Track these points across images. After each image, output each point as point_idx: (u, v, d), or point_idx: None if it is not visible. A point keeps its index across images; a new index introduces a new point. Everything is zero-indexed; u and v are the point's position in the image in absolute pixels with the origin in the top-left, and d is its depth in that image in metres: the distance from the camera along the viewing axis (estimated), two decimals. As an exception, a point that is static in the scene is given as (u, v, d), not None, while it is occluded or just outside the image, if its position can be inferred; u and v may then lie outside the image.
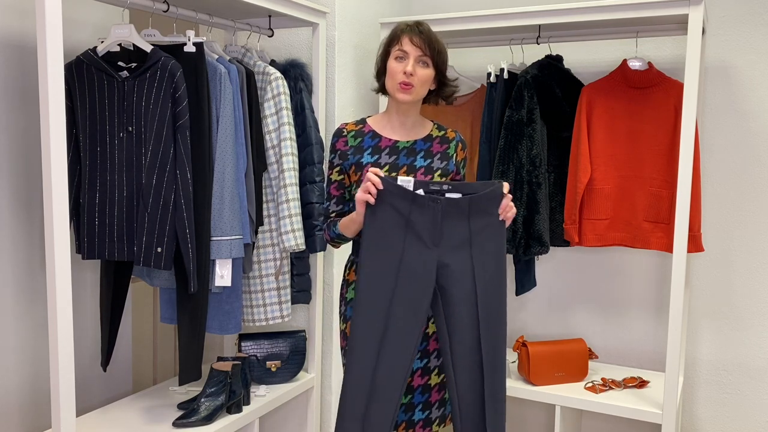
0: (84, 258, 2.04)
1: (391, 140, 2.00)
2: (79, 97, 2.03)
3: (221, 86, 2.13)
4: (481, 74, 2.90)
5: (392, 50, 1.94)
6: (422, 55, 1.91)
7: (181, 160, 1.99)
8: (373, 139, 2.00)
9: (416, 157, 2.00)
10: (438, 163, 2.01)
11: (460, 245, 1.88)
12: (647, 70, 2.58)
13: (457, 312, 1.88)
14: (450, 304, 1.88)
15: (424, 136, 2.03)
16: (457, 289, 1.88)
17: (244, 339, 2.53)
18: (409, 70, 1.90)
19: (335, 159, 2.02)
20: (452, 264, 1.87)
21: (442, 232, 1.87)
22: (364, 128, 2.03)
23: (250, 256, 2.32)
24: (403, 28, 1.94)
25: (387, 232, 1.87)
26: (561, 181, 2.74)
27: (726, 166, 2.76)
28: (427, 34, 1.93)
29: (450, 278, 1.88)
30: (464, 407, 1.90)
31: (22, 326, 2.15)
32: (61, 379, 1.69)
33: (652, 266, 2.91)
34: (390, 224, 1.86)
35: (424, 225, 1.86)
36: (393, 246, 1.87)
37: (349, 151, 2.00)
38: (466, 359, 1.89)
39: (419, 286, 1.87)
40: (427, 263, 1.87)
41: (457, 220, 1.87)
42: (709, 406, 2.86)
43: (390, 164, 1.98)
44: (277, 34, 2.77)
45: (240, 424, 2.26)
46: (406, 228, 1.86)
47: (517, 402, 3.18)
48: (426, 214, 1.86)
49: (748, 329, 2.76)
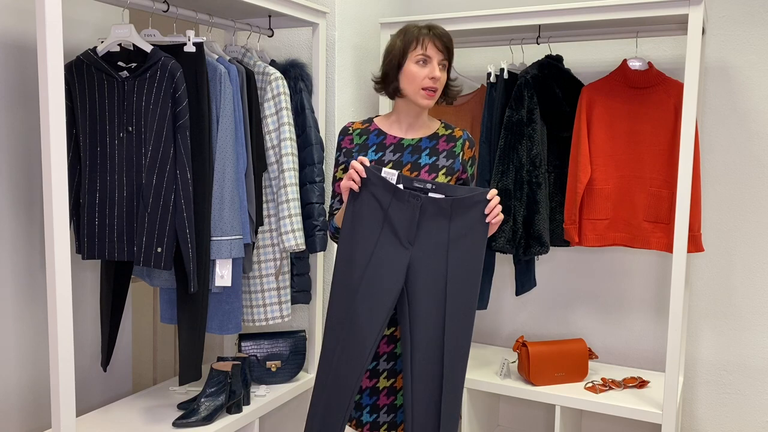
0: (84, 258, 2.04)
1: (396, 138, 2.00)
2: (79, 97, 2.03)
3: (221, 86, 2.13)
4: (481, 74, 2.91)
5: (411, 53, 1.90)
6: (443, 58, 1.92)
7: (181, 160, 1.99)
8: (378, 137, 2.00)
9: (421, 155, 1.99)
10: (443, 161, 1.99)
11: (435, 248, 1.84)
12: (647, 70, 2.58)
13: (423, 319, 1.83)
14: (416, 309, 1.84)
15: (430, 134, 2.02)
16: (426, 295, 1.84)
17: (244, 339, 2.53)
18: (437, 75, 1.89)
19: (340, 157, 2.02)
20: (424, 267, 1.84)
21: (419, 231, 1.84)
22: (370, 127, 2.02)
23: (250, 256, 2.32)
24: (425, 32, 1.91)
25: (364, 222, 1.84)
26: (561, 181, 2.74)
27: (726, 166, 2.76)
28: (447, 37, 1.93)
29: (419, 282, 1.84)
30: (417, 418, 1.85)
31: (22, 326, 2.15)
32: (61, 379, 1.69)
33: (652, 266, 2.91)
34: (368, 214, 1.84)
35: (402, 221, 1.83)
36: (367, 238, 1.84)
37: (354, 149, 2.00)
38: (425, 371, 1.84)
39: (385, 285, 1.83)
40: (397, 262, 1.83)
41: (436, 220, 1.84)
42: (709, 406, 2.86)
43: (394, 162, 1.97)
44: (277, 34, 2.77)
45: (240, 424, 2.26)
46: (384, 221, 1.84)
47: (517, 402, 3.19)
48: (405, 210, 1.83)
49: (748, 329, 2.76)
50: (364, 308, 1.84)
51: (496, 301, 3.21)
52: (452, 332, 1.84)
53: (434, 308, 1.84)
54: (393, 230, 1.84)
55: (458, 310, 1.84)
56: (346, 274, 1.85)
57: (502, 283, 3.19)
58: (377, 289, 1.84)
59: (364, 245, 1.84)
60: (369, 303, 1.84)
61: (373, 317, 1.84)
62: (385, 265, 1.84)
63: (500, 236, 2.62)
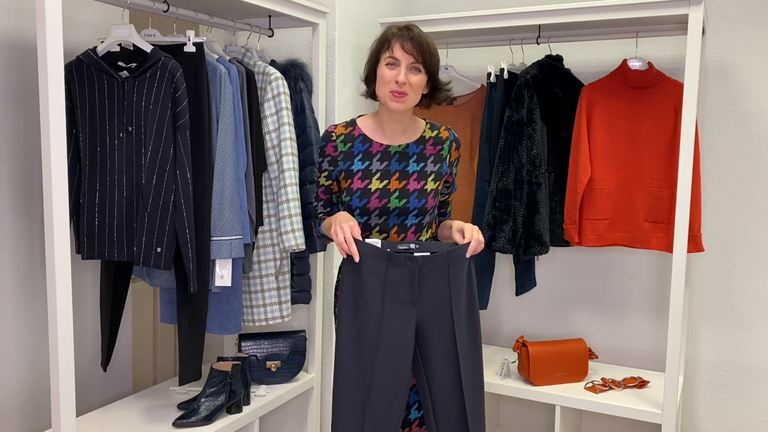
0: (84, 258, 2.04)
1: (382, 145, 1.96)
2: (79, 97, 2.03)
3: (221, 86, 2.13)
4: (481, 74, 2.90)
5: (382, 56, 1.87)
6: (414, 61, 1.85)
7: (181, 160, 1.99)
8: (363, 144, 1.96)
9: (408, 162, 1.96)
10: (431, 167, 1.98)
11: (440, 304, 1.87)
12: (647, 70, 2.58)
13: (438, 372, 1.87)
14: (430, 364, 1.87)
15: (416, 139, 1.99)
16: (437, 351, 1.86)
17: (244, 339, 2.53)
18: (401, 79, 1.83)
19: (323, 164, 1.99)
20: (431, 324, 1.86)
21: (421, 290, 1.86)
22: (354, 131, 1.98)
23: (250, 256, 2.32)
24: (394, 33, 1.87)
25: (365, 292, 1.84)
26: (561, 181, 2.74)
27: (726, 166, 2.76)
28: (418, 39, 1.85)
29: (429, 339, 1.86)
30: None
31: (22, 326, 2.15)
32: (61, 379, 1.69)
33: (652, 266, 2.91)
34: (367, 284, 1.84)
35: (402, 284, 1.84)
36: (372, 307, 1.84)
37: (338, 156, 1.96)
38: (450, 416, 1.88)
39: (400, 344, 1.85)
40: (406, 322, 1.85)
41: (436, 277, 1.86)
42: (709, 406, 2.86)
43: (381, 171, 1.94)
44: (277, 34, 2.77)
45: (240, 424, 2.26)
46: (384, 287, 1.84)
47: (517, 402, 3.18)
48: (404, 274, 1.84)
49: (748, 329, 2.76)
50: (383, 379, 1.83)
51: (496, 301, 3.21)
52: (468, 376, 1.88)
53: (446, 360, 1.87)
54: (395, 295, 1.85)
55: (468, 356, 1.89)
56: (356, 344, 1.85)
57: (502, 283, 3.19)
58: (394, 355, 1.84)
59: (371, 313, 1.84)
60: (388, 373, 1.83)
61: (396, 384, 1.84)
62: (396, 326, 1.85)
63: (500, 236, 2.62)
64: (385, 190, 1.93)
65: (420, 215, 1.95)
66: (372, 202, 1.93)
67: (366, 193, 1.93)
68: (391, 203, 1.93)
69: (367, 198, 1.93)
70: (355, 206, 1.94)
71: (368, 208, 1.93)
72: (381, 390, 1.83)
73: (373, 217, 1.94)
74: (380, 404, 1.83)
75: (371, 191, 1.93)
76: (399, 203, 1.93)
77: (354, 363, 1.84)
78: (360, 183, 1.93)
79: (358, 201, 1.93)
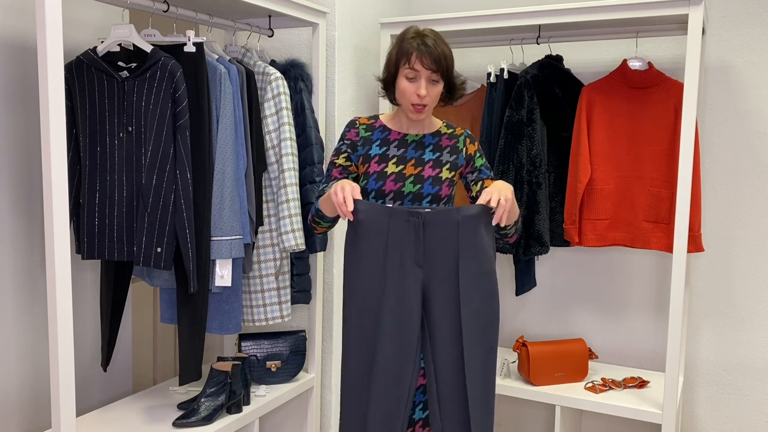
0: (84, 258, 2.04)
1: (400, 133, 2.02)
2: (79, 97, 2.03)
3: (221, 86, 2.13)
4: (481, 74, 2.91)
5: (402, 68, 1.91)
6: (433, 73, 1.90)
7: (181, 160, 1.99)
8: (382, 133, 2.02)
9: (425, 150, 2.00)
10: (447, 157, 2.01)
11: (447, 268, 1.78)
12: (647, 70, 2.58)
13: (443, 349, 1.81)
14: (434, 343, 1.82)
15: (433, 131, 2.04)
16: (441, 327, 1.81)
17: (244, 339, 2.53)
18: (422, 93, 1.88)
19: (343, 146, 2.03)
20: (438, 291, 1.80)
21: (426, 250, 1.79)
22: (375, 123, 2.05)
23: (250, 256, 2.32)
24: (414, 46, 1.89)
25: (368, 259, 1.80)
26: (561, 181, 2.74)
27: (726, 166, 2.76)
28: (436, 50, 1.89)
29: (434, 310, 1.81)
30: None
31: (22, 326, 2.15)
32: (61, 379, 1.69)
33: (652, 266, 2.91)
34: (368, 245, 1.78)
35: (407, 243, 1.77)
36: (375, 275, 1.79)
37: (359, 142, 2.01)
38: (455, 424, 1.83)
39: (406, 321, 1.78)
40: (411, 292, 1.78)
41: (444, 235, 1.78)
42: (709, 406, 2.86)
43: (398, 156, 1.98)
44: (277, 34, 2.77)
45: (240, 424, 2.26)
46: (387, 252, 1.78)
47: (517, 402, 3.19)
48: (408, 230, 1.78)
49: (748, 329, 2.76)
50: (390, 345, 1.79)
51: (496, 301, 3.21)
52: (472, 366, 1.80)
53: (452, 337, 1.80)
54: (399, 254, 1.80)
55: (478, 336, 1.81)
56: (359, 311, 1.82)
57: (502, 283, 3.19)
58: (399, 320, 1.79)
59: (373, 278, 1.80)
60: (395, 337, 1.78)
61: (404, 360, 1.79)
62: (401, 292, 1.79)
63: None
64: (400, 174, 1.96)
65: (434, 202, 1.98)
66: (387, 185, 1.96)
67: (382, 175, 1.97)
68: (405, 187, 1.96)
69: (383, 181, 1.96)
70: (370, 188, 1.97)
71: (384, 190, 1.96)
72: (385, 363, 1.79)
73: (387, 200, 1.98)
74: (385, 379, 1.79)
75: (387, 174, 1.96)
76: (413, 188, 1.96)
77: (359, 333, 1.82)
78: (377, 167, 1.98)
79: (374, 183, 1.97)
